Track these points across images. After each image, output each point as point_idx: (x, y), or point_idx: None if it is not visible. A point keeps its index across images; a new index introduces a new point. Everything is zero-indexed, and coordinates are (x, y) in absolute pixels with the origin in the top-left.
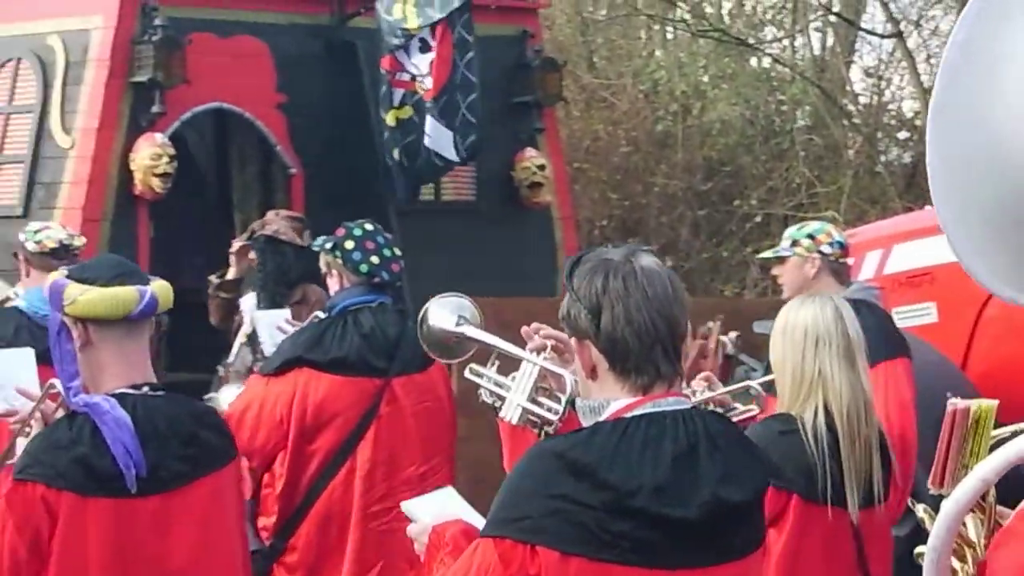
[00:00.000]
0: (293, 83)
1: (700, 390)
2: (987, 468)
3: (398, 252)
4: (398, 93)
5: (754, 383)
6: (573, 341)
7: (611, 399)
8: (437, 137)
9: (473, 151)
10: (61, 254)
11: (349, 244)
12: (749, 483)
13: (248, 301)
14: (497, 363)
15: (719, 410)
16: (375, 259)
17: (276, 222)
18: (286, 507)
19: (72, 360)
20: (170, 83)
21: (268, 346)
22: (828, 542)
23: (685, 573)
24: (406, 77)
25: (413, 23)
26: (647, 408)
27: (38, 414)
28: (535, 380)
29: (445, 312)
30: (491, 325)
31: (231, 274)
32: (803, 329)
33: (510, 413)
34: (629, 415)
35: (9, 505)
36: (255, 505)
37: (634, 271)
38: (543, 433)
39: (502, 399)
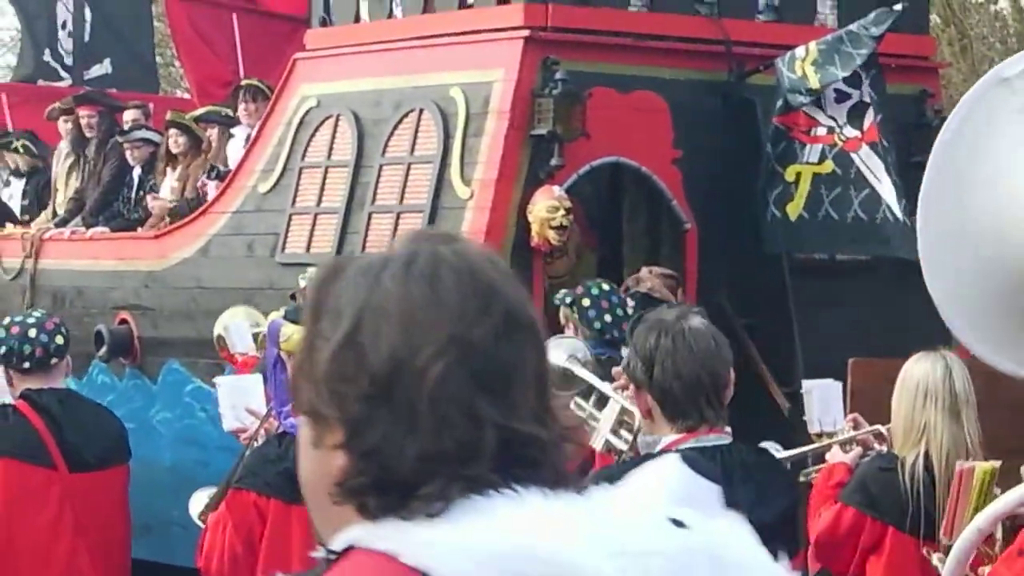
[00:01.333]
0: (689, 138)
1: (847, 428)
2: (982, 519)
3: (630, 312)
4: (812, 148)
5: (883, 428)
6: (632, 387)
7: (662, 436)
8: (884, 189)
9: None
10: None
11: (586, 301)
12: (779, 505)
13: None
14: (595, 397)
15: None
16: (608, 317)
17: (650, 280)
18: None
19: (285, 389)
20: (569, 136)
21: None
22: (921, 571)
23: None
24: (822, 131)
25: (815, 83)
26: (691, 443)
27: (262, 431)
28: (617, 415)
29: (559, 351)
30: (880, 383)
31: None
32: (915, 383)
33: (596, 441)
34: (675, 449)
35: (228, 509)
36: None
37: (683, 331)
38: (620, 460)
39: (594, 429)
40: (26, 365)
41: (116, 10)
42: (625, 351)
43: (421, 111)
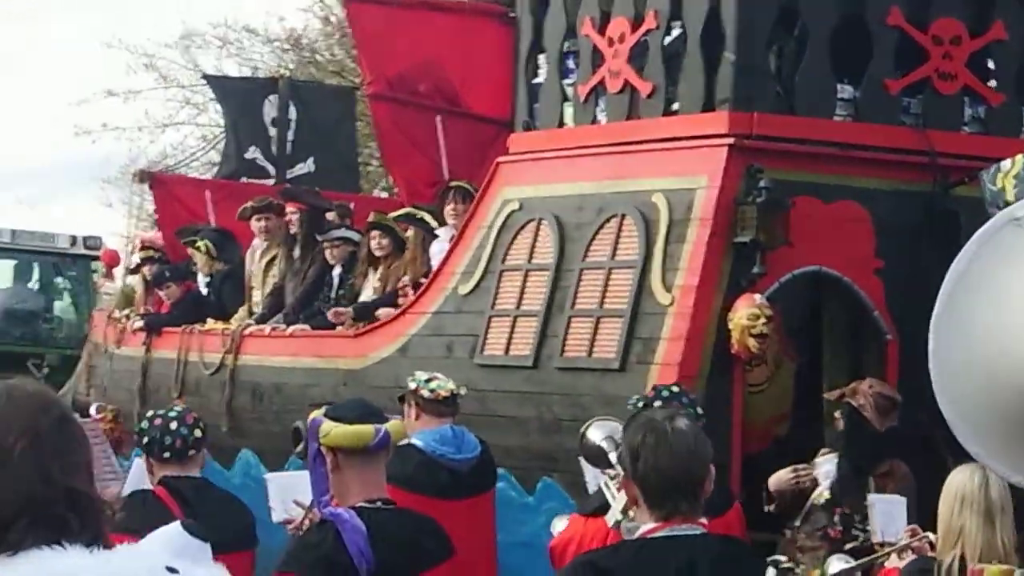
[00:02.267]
0: (892, 249)
1: (905, 537)
2: None
3: (700, 411)
4: None
5: (933, 536)
6: (621, 476)
7: (643, 523)
8: None
9: None
10: (450, 403)
11: (657, 405)
12: None
13: (825, 465)
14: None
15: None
16: None
17: (864, 396)
18: None
19: (324, 480)
20: (772, 244)
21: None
22: None
23: None
24: None
25: (1011, 196)
26: (666, 532)
27: (307, 521)
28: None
29: (599, 431)
30: None
31: None
32: (954, 490)
33: (610, 519)
34: (651, 536)
35: None
36: None
37: (667, 431)
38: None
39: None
40: (166, 455)
41: (320, 110)
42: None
43: (623, 216)
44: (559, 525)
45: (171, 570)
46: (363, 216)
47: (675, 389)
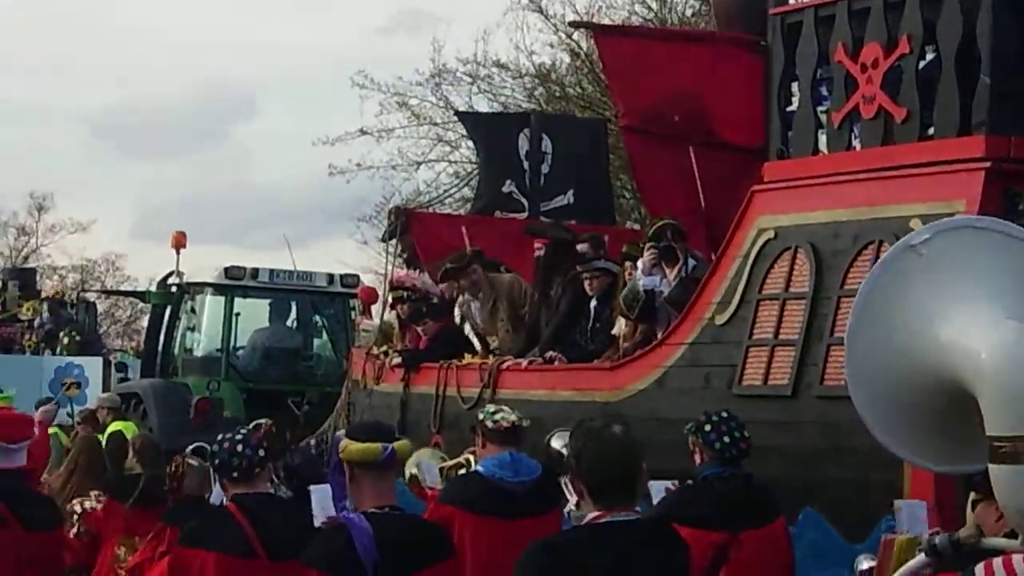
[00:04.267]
0: None
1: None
2: None
3: (746, 434)
4: None
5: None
6: (570, 474)
7: (587, 513)
8: None
9: None
10: (512, 433)
11: (707, 427)
12: (674, 567)
13: None
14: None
15: None
16: (727, 439)
17: None
18: None
19: (342, 488)
20: None
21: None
22: None
23: None
24: None
25: None
26: (606, 519)
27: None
28: None
29: (560, 441)
30: None
31: None
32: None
33: (564, 511)
34: (595, 523)
35: None
36: None
37: (604, 436)
38: None
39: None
40: (235, 475)
41: (573, 143)
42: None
43: (880, 242)
44: (864, 563)
45: None
46: (616, 248)
47: (724, 415)
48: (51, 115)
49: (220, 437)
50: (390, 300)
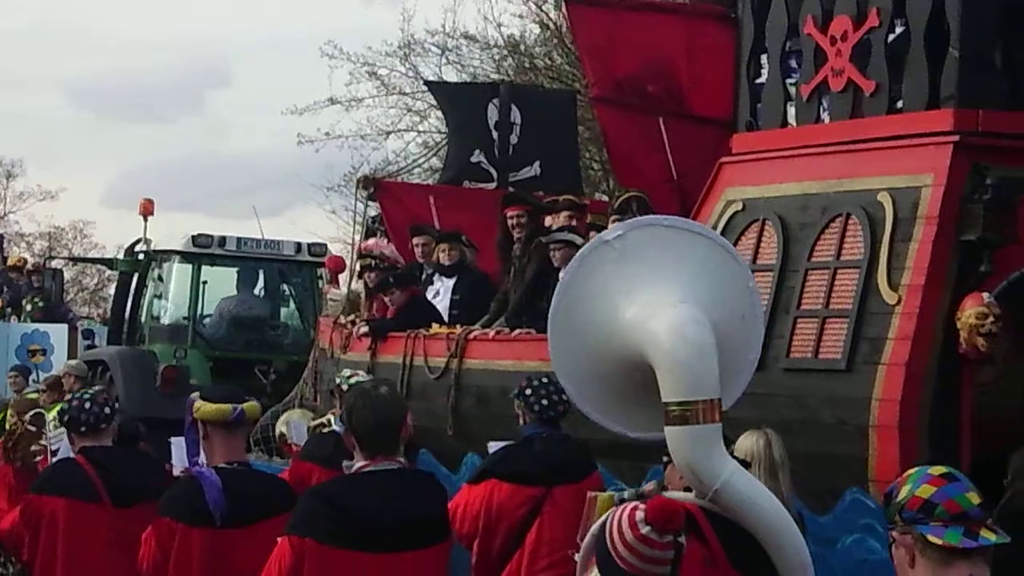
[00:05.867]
0: None
1: None
2: (590, 533)
3: (564, 397)
4: None
5: None
6: (345, 429)
7: (356, 463)
8: None
9: None
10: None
11: (528, 391)
12: (430, 508)
13: None
14: None
15: None
16: (545, 402)
17: None
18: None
19: (195, 444)
20: (1000, 243)
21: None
22: None
23: (387, 556)
24: None
25: None
26: (372, 467)
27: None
28: None
29: (284, 426)
30: None
31: None
32: (743, 452)
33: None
34: (362, 471)
35: (153, 528)
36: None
37: (372, 395)
38: None
39: None
40: (83, 429)
41: (542, 114)
42: (563, 428)
43: (848, 215)
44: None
45: None
46: (584, 221)
47: (544, 380)
48: (25, 81)
49: (69, 396)
50: (358, 268)
